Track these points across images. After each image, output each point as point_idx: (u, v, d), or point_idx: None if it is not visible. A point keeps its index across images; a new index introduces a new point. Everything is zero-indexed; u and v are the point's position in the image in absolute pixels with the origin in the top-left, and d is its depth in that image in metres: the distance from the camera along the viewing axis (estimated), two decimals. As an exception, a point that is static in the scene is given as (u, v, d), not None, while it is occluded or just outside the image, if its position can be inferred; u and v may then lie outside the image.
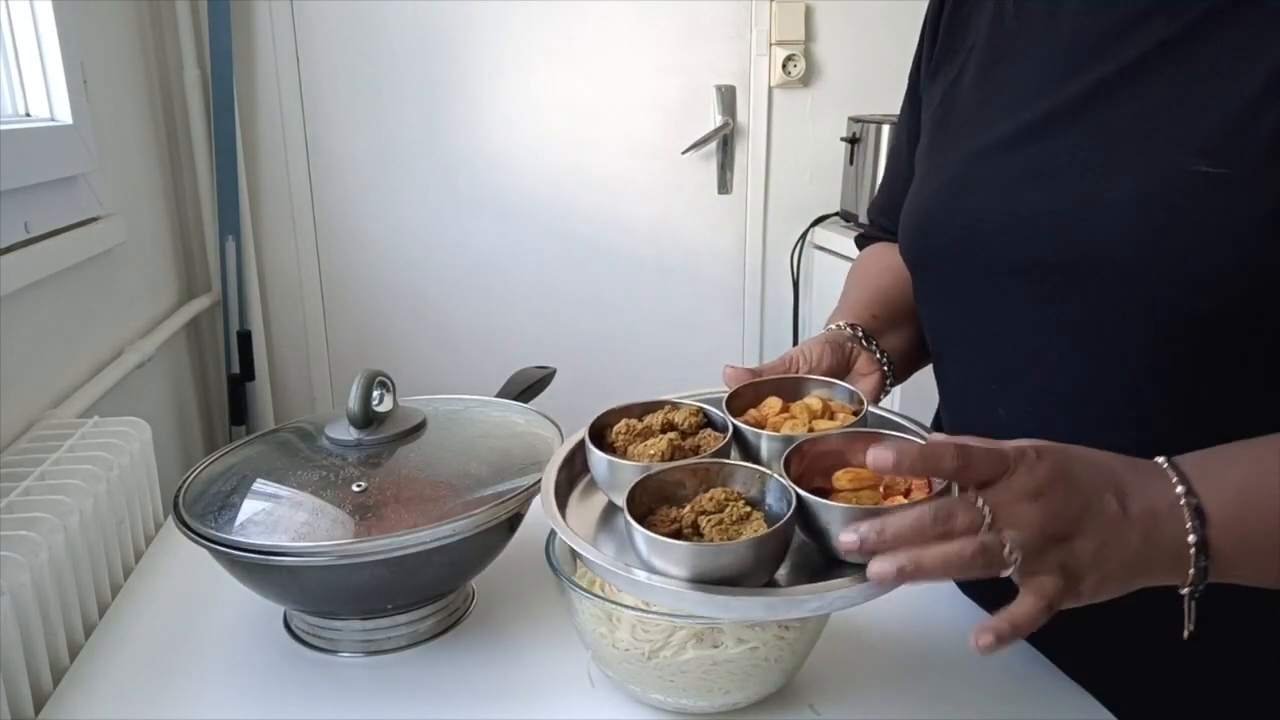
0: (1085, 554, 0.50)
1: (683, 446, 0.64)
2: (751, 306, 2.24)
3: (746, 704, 0.65)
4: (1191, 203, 0.57)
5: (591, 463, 0.65)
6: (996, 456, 0.50)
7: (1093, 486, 0.51)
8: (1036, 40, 0.70)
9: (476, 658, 0.73)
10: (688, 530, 0.56)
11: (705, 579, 0.53)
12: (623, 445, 0.65)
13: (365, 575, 0.67)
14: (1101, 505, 0.51)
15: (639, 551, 0.55)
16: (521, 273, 2.12)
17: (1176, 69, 0.60)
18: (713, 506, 0.57)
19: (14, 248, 1.03)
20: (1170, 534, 0.51)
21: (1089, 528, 0.50)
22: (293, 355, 2.07)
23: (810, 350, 0.75)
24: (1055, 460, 0.51)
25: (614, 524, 0.64)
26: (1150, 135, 0.60)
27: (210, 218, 1.84)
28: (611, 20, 2.02)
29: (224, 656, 0.74)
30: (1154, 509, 0.51)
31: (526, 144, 2.05)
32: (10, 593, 0.66)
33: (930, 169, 0.77)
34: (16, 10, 1.17)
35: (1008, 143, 0.68)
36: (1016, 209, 0.66)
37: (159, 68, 1.76)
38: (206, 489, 0.73)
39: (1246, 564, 0.53)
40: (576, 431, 0.69)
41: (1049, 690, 0.69)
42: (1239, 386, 0.59)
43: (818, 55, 2.11)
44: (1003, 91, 0.71)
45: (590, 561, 0.57)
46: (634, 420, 0.67)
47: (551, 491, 0.63)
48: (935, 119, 0.78)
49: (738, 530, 0.55)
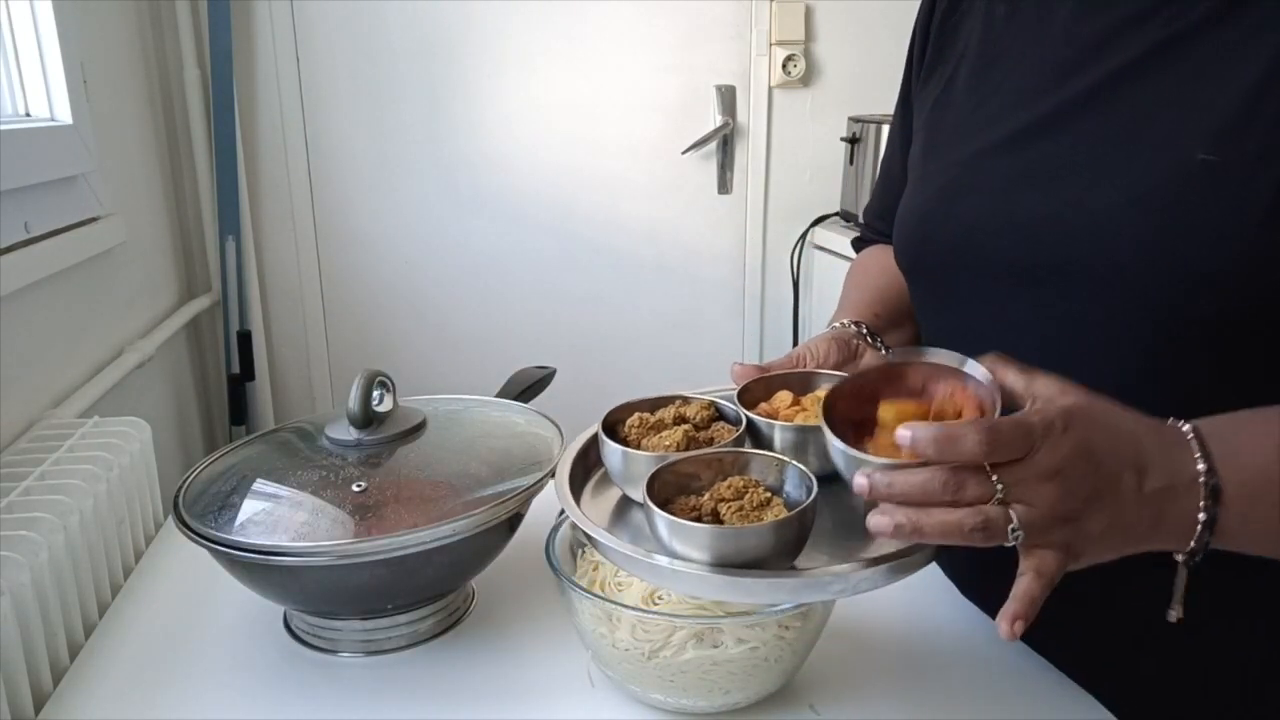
0: (1093, 531, 0.50)
1: (697, 438, 0.64)
2: (751, 306, 2.24)
3: (746, 704, 0.65)
4: (1186, 203, 0.57)
5: (606, 455, 0.64)
6: (1023, 435, 0.49)
7: (1113, 463, 0.50)
8: (1028, 45, 0.70)
9: (476, 658, 0.73)
10: (707, 518, 0.56)
11: (728, 563, 0.52)
12: (636, 439, 0.65)
13: (365, 575, 0.67)
14: (1119, 484, 0.50)
15: (660, 536, 0.54)
16: (521, 273, 2.12)
17: (1169, 72, 0.60)
18: (732, 494, 0.56)
19: (14, 248, 1.03)
20: (1181, 509, 0.51)
21: (1102, 506, 0.50)
22: (293, 355, 2.07)
23: (817, 347, 0.75)
24: (1079, 437, 0.50)
25: (627, 518, 0.63)
26: (1144, 137, 0.60)
27: (210, 218, 1.84)
28: (611, 20, 2.02)
29: (224, 656, 0.74)
30: (1171, 486, 0.51)
31: (527, 144, 2.05)
32: (10, 593, 0.66)
33: (924, 175, 0.77)
34: (16, 10, 1.17)
35: (1002, 147, 0.68)
36: (1012, 213, 0.66)
37: (159, 68, 1.76)
38: (206, 489, 0.73)
39: (1247, 540, 0.53)
40: (578, 433, 0.69)
41: (1049, 690, 0.69)
42: (1237, 386, 0.60)
43: (818, 55, 2.11)
44: (996, 96, 0.71)
45: (608, 549, 0.57)
46: (646, 414, 0.67)
47: (566, 481, 0.63)
48: (928, 124, 0.79)
49: (758, 516, 0.55)
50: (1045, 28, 0.69)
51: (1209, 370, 0.60)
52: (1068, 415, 0.50)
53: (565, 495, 0.62)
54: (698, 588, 0.54)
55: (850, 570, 0.53)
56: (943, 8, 0.80)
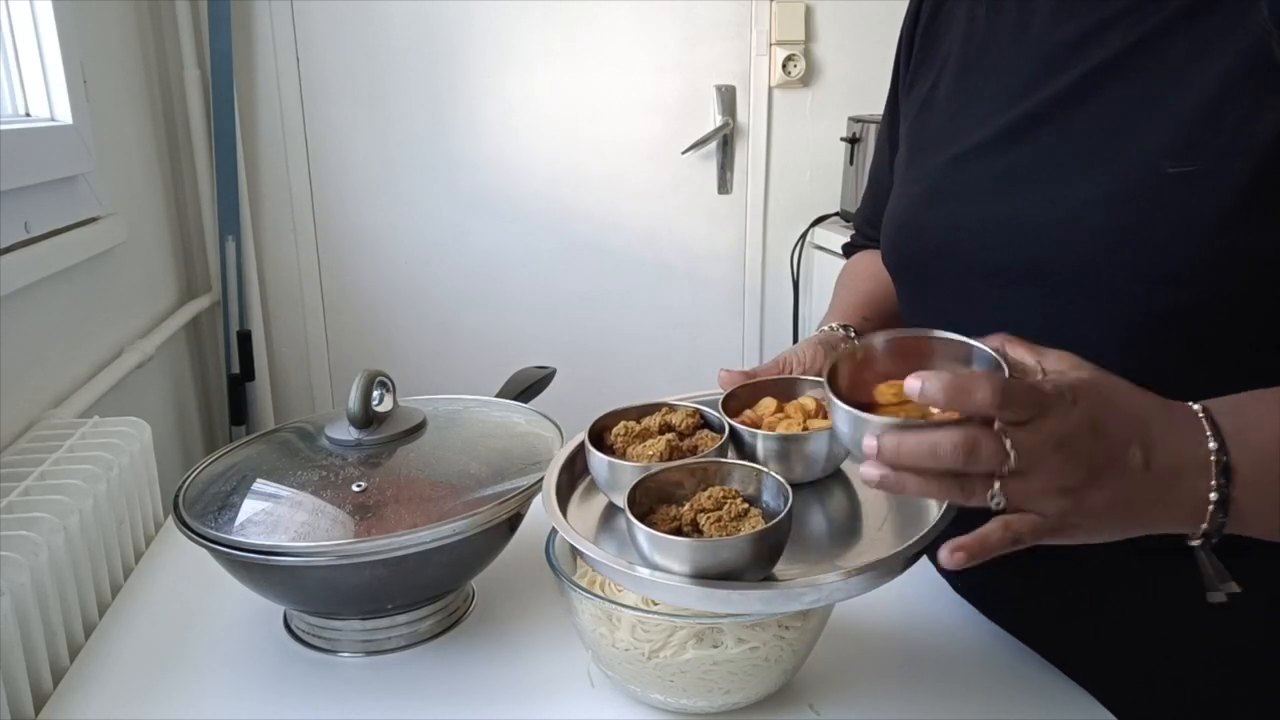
0: (1094, 506, 0.49)
1: (680, 447, 0.65)
2: (751, 306, 2.24)
3: (746, 704, 0.65)
4: (1157, 201, 0.59)
5: (592, 464, 0.66)
6: (1034, 397, 0.48)
7: (1119, 439, 0.50)
8: (1007, 50, 0.72)
9: (476, 658, 0.73)
10: (687, 528, 0.57)
11: (706, 574, 0.54)
12: (621, 447, 0.66)
13: (365, 575, 0.67)
14: (1125, 459, 0.49)
15: (641, 549, 0.56)
16: (521, 273, 2.12)
17: (1138, 74, 0.62)
18: (711, 504, 0.58)
19: (14, 248, 1.03)
20: (1190, 489, 0.50)
21: (1104, 482, 0.49)
22: (293, 355, 2.07)
23: (804, 352, 0.77)
24: (1088, 408, 0.49)
25: (614, 525, 0.64)
26: (1116, 137, 0.62)
27: (210, 218, 1.84)
28: (611, 20, 2.02)
29: (224, 656, 0.74)
30: (1179, 465, 0.50)
31: (526, 144, 2.05)
32: (10, 593, 0.66)
33: (908, 179, 0.78)
34: (16, 10, 1.17)
35: (982, 150, 0.70)
36: (992, 215, 0.68)
37: (159, 68, 1.76)
38: (206, 489, 0.73)
39: (1263, 522, 0.52)
40: (577, 434, 0.69)
41: (1049, 690, 0.69)
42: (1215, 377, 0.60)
43: (818, 55, 2.11)
44: (976, 100, 0.73)
45: (592, 559, 0.58)
46: (632, 422, 0.68)
47: (553, 492, 0.64)
48: (913, 129, 0.81)
49: (736, 526, 0.56)
50: (1023, 33, 0.71)
51: (1184, 363, 0.61)
52: (1079, 387, 0.50)
53: (552, 507, 0.63)
54: (676, 598, 0.56)
55: (821, 581, 0.54)
56: (927, 14, 0.82)
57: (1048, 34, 0.68)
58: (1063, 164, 0.64)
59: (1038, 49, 0.69)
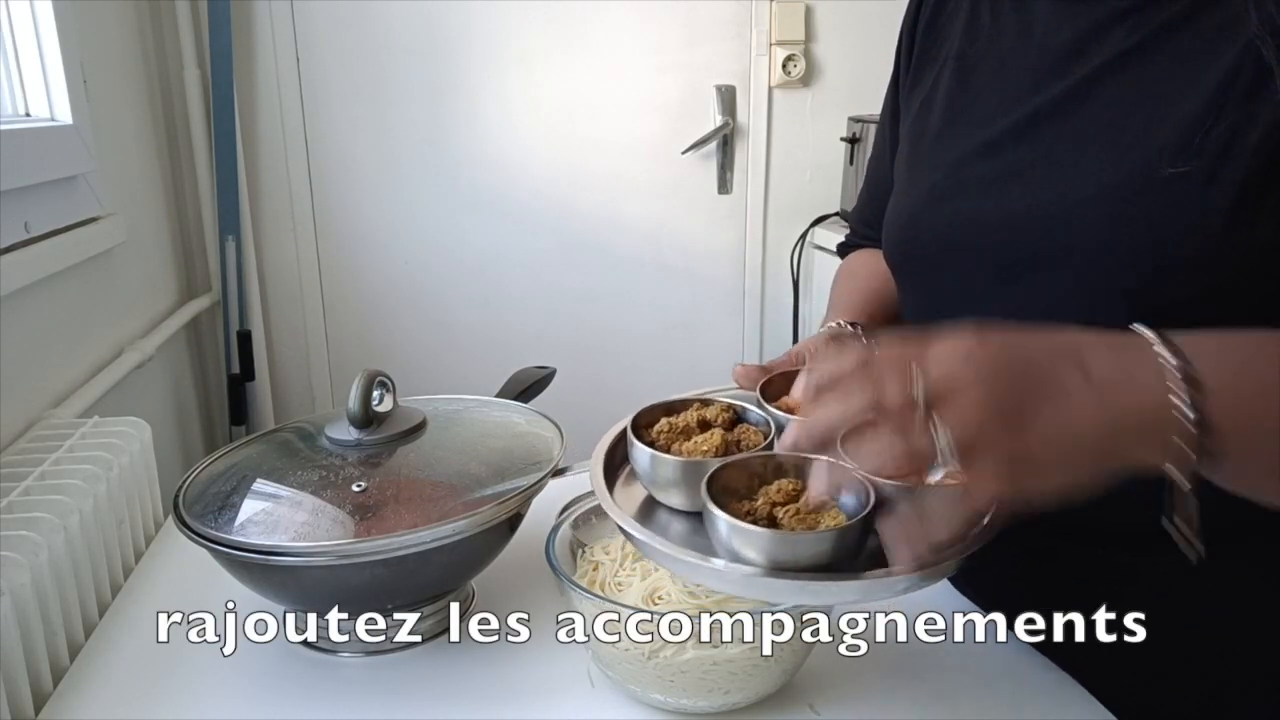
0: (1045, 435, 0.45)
1: (729, 441, 0.64)
2: (751, 306, 2.24)
3: (746, 704, 0.65)
4: (1156, 198, 0.59)
5: (641, 462, 0.64)
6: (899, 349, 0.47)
7: (1047, 360, 0.47)
8: (1009, 51, 0.73)
9: (476, 658, 0.73)
10: (762, 521, 0.56)
11: (783, 567, 0.52)
12: (665, 443, 0.65)
13: (365, 575, 0.67)
14: (1060, 377, 0.46)
15: (721, 541, 0.54)
16: (521, 273, 2.12)
17: (1137, 75, 0.63)
18: (783, 498, 0.56)
19: (14, 248, 1.03)
20: (1149, 398, 0.46)
21: (1041, 404, 0.45)
22: (293, 355, 2.07)
23: (816, 345, 0.76)
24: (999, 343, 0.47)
25: (651, 520, 0.63)
26: (1116, 137, 0.62)
27: (210, 218, 1.84)
28: (611, 20, 2.02)
29: (224, 656, 0.74)
30: (1126, 370, 0.46)
31: (526, 144, 2.05)
32: (10, 593, 0.66)
33: (911, 177, 0.79)
34: (16, 10, 1.17)
35: (985, 149, 0.71)
36: (995, 209, 0.68)
37: (159, 68, 1.76)
38: (206, 489, 0.73)
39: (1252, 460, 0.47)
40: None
41: (1049, 690, 0.69)
42: None
43: (818, 55, 2.11)
44: (979, 100, 0.74)
45: (654, 550, 0.57)
46: (674, 419, 0.66)
47: (603, 481, 0.63)
48: (914, 129, 0.81)
49: (815, 520, 0.55)
50: (1024, 34, 0.72)
51: None
52: (979, 333, 0.47)
53: (614, 509, 0.61)
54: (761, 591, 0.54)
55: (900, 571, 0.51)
56: (928, 12, 0.82)
57: (1050, 35, 0.69)
58: (1064, 162, 0.65)
59: (1040, 49, 0.69)
